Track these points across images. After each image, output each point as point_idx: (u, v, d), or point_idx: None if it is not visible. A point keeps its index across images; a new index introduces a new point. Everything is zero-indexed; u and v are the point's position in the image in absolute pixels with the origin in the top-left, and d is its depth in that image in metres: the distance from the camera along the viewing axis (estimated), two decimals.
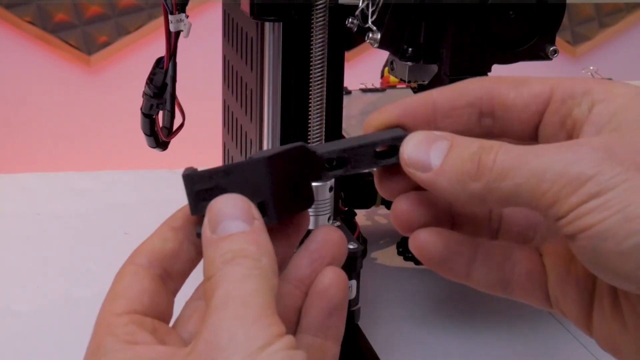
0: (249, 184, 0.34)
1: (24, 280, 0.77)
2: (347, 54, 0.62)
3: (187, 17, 0.63)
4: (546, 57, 0.56)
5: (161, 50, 0.65)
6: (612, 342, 0.35)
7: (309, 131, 0.57)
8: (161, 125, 0.67)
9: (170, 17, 0.63)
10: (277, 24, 0.56)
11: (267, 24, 0.56)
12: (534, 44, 0.55)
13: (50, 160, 1.17)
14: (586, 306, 0.36)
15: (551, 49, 0.55)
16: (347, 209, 0.71)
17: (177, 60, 0.65)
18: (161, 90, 0.65)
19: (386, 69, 0.91)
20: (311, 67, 0.56)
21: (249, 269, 0.32)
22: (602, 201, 0.29)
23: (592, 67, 1.00)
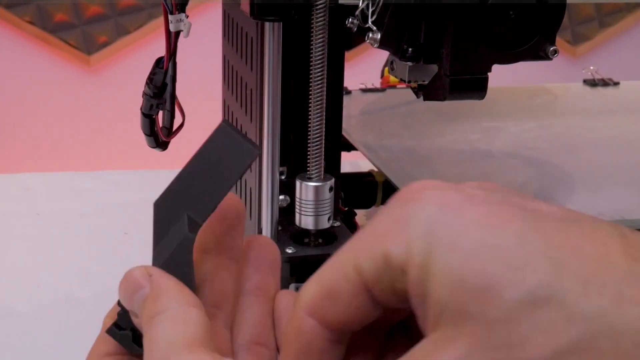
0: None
1: (24, 280, 0.77)
2: (347, 54, 0.62)
3: (187, 17, 0.63)
4: (546, 57, 0.56)
5: (161, 50, 0.65)
6: None
7: (309, 131, 0.57)
8: (161, 125, 0.67)
9: (170, 17, 0.62)
10: (277, 24, 0.56)
11: (267, 24, 0.56)
12: (534, 44, 0.55)
13: (50, 160, 1.17)
14: None
15: (551, 49, 0.55)
16: (347, 209, 0.71)
17: (177, 60, 0.65)
18: (161, 90, 0.65)
19: (386, 69, 0.91)
20: (311, 67, 0.56)
21: (171, 320, 0.32)
22: None
23: (592, 67, 1.00)
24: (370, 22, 0.55)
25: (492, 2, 0.53)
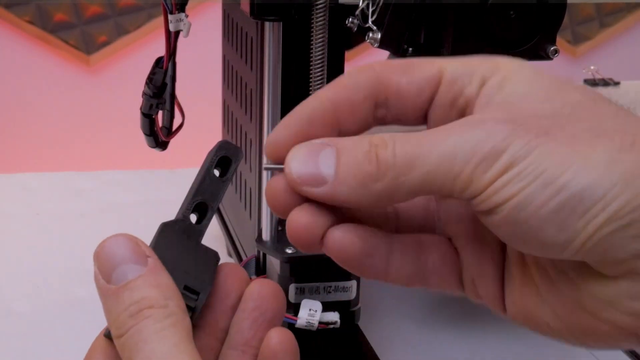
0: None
1: (24, 280, 0.77)
2: (347, 54, 0.62)
3: (186, 16, 0.63)
4: (547, 57, 0.55)
5: (161, 50, 0.65)
6: (526, 314, 0.35)
7: None
8: (161, 125, 0.67)
9: (170, 16, 0.62)
10: (277, 24, 0.56)
11: (267, 24, 0.56)
12: (534, 43, 0.55)
13: (50, 160, 1.17)
14: (499, 282, 0.35)
15: (552, 48, 0.55)
16: None
17: (177, 60, 0.65)
18: (161, 90, 0.65)
19: None
20: (311, 67, 0.56)
21: (159, 321, 0.31)
22: (518, 171, 0.29)
23: (592, 67, 1.00)
24: (370, 22, 0.55)
25: (492, 2, 0.53)
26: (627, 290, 0.30)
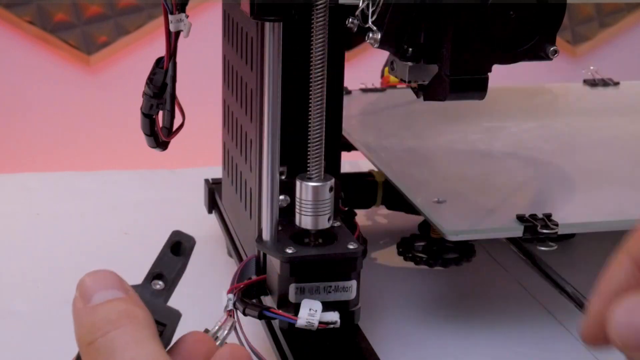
0: None
1: (24, 280, 0.77)
2: (347, 54, 0.62)
3: (187, 17, 0.63)
4: (546, 57, 0.55)
5: (161, 50, 0.65)
6: None
7: (309, 131, 0.57)
8: (161, 125, 0.67)
9: (170, 17, 0.62)
10: (277, 24, 0.56)
11: (267, 24, 0.56)
12: (534, 44, 0.55)
13: (50, 160, 1.17)
14: None
15: (551, 49, 0.55)
16: (347, 209, 0.71)
17: (177, 60, 0.65)
18: (161, 90, 0.65)
19: (386, 69, 0.91)
20: (311, 67, 0.56)
21: (142, 329, 0.31)
22: None
23: (592, 67, 1.00)
24: (370, 22, 0.55)
25: (492, 2, 0.53)
26: None
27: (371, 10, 0.55)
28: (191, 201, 0.90)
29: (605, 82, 1.00)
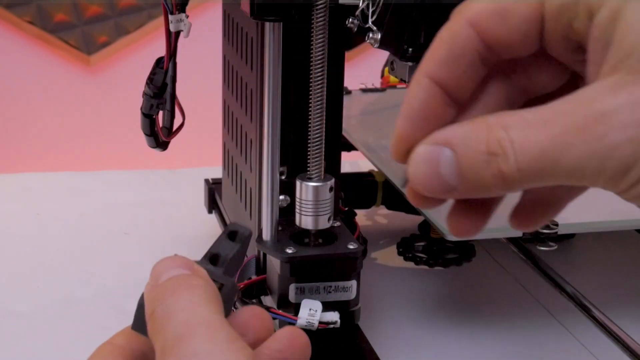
0: None
1: (24, 280, 0.77)
2: (347, 54, 0.62)
3: (187, 17, 0.63)
4: None
5: (161, 50, 0.65)
6: None
7: (309, 131, 0.57)
8: (161, 125, 0.67)
9: (170, 17, 0.63)
10: (277, 24, 0.56)
11: (267, 24, 0.56)
12: None
13: (50, 160, 1.17)
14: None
15: None
16: (347, 209, 0.71)
17: (177, 60, 0.65)
18: (161, 90, 0.65)
19: (386, 69, 0.91)
20: (311, 67, 0.56)
21: (198, 295, 0.31)
22: None
23: None
24: (370, 22, 0.55)
25: None
26: None
27: (371, 10, 0.55)
28: (191, 201, 0.90)
29: None
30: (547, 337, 0.69)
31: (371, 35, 0.55)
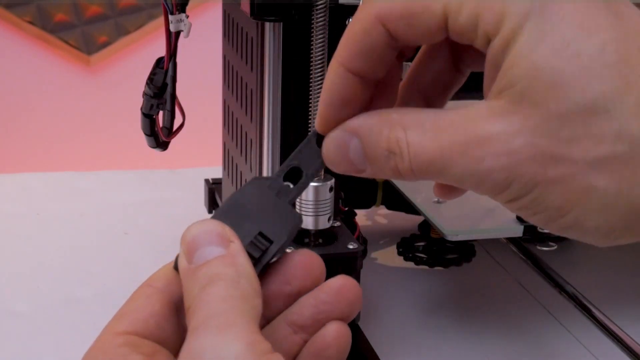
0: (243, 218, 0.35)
1: (24, 280, 0.77)
2: None
3: (187, 17, 0.63)
4: None
5: (161, 50, 0.65)
6: None
7: (309, 131, 0.57)
8: (161, 125, 0.67)
9: (170, 17, 0.62)
10: (277, 24, 0.56)
11: (267, 24, 0.56)
12: None
13: (50, 160, 1.17)
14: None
15: None
16: (347, 209, 0.71)
17: (177, 60, 0.65)
18: (161, 90, 0.65)
19: None
20: (311, 67, 0.56)
21: (226, 289, 0.31)
22: (529, 199, 0.31)
23: None
24: None
25: None
26: None
27: None
28: (191, 201, 0.90)
29: None
30: (547, 337, 0.69)
31: None
